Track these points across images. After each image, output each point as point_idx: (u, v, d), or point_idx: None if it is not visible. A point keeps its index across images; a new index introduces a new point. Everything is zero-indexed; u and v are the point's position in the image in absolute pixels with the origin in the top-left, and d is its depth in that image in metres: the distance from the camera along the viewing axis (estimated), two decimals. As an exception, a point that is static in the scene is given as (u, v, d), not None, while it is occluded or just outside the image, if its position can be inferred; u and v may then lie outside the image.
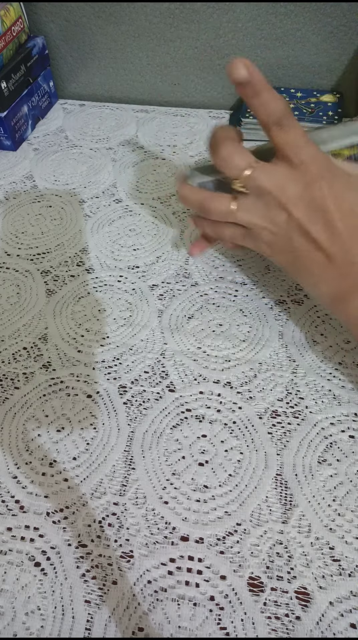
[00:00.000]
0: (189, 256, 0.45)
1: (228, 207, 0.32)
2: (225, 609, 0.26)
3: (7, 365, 0.38)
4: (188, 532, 0.29)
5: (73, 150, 0.59)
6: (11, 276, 0.44)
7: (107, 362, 0.37)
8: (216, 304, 0.41)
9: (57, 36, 0.64)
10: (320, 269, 0.30)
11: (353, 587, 0.27)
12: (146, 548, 0.29)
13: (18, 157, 0.58)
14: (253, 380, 0.36)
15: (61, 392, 0.36)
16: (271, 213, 0.31)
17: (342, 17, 0.55)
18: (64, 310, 0.41)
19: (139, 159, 0.57)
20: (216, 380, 0.36)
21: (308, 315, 0.40)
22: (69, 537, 0.29)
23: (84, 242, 0.47)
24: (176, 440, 0.33)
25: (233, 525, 0.29)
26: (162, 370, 0.37)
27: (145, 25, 0.60)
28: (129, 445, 0.33)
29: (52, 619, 0.26)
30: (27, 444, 0.33)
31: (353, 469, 0.31)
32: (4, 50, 0.56)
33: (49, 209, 0.51)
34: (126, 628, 0.26)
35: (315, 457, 0.32)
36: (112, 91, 0.68)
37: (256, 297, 0.42)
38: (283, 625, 0.26)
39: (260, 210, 0.31)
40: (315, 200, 0.29)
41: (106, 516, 0.30)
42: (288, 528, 0.29)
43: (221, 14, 0.57)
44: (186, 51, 0.61)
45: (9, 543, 0.29)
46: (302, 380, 0.36)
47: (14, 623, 0.26)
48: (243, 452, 0.32)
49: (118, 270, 0.45)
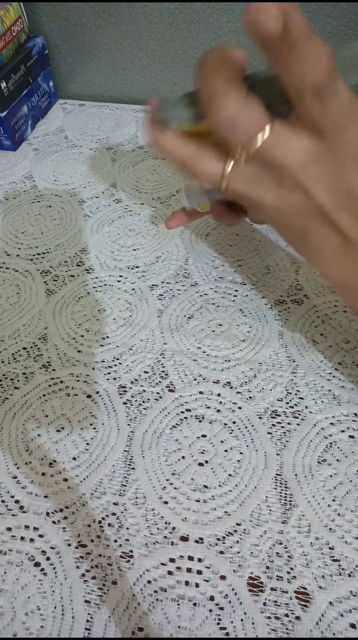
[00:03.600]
0: (188, 256, 0.45)
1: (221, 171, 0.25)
2: (225, 609, 0.26)
3: (7, 365, 0.38)
4: (187, 532, 0.29)
5: (73, 150, 0.59)
6: (11, 276, 0.44)
7: (107, 362, 0.37)
8: (216, 304, 0.41)
9: (57, 36, 0.64)
10: (335, 251, 0.26)
11: (353, 587, 0.27)
12: (145, 548, 0.29)
13: (18, 157, 0.58)
14: (253, 380, 0.36)
15: (61, 392, 0.36)
16: (278, 188, 0.24)
17: (342, 17, 0.55)
18: (64, 310, 0.41)
19: (139, 159, 0.57)
20: (216, 380, 0.36)
21: (308, 315, 0.40)
22: (69, 537, 0.29)
23: (83, 242, 0.47)
24: (175, 440, 0.33)
25: (233, 525, 0.29)
26: (162, 370, 0.37)
27: (145, 25, 0.60)
28: (129, 445, 0.33)
29: (52, 619, 0.26)
30: (27, 444, 0.33)
31: (353, 469, 0.31)
32: (4, 50, 0.56)
33: (48, 209, 0.51)
34: (125, 628, 0.26)
35: (315, 457, 0.32)
36: (112, 91, 0.68)
37: (256, 297, 0.42)
38: (283, 625, 0.26)
39: (263, 182, 0.24)
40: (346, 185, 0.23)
41: (105, 516, 0.30)
42: (288, 528, 0.29)
43: (221, 14, 0.57)
44: (186, 51, 0.61)
45: (9, 543, 0.29)
46: (302, 380, 0.36)
47: (14, 623, 0.26)
48: (243, 452, 0.32)
49: (118, 270, 0.45)
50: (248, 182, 0.25)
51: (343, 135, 0.22)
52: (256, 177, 0.25)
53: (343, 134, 0.22)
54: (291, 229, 0.27)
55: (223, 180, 0.25)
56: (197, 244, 0.47)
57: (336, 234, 0.25)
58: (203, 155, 0.25)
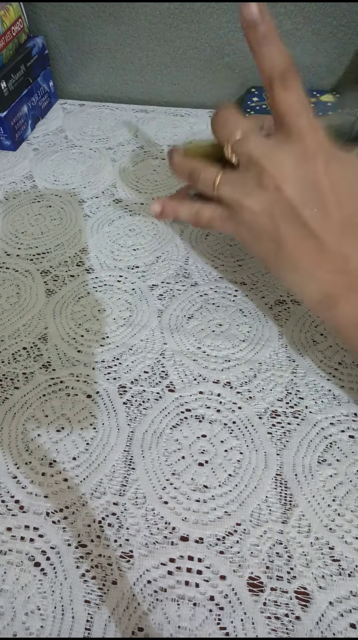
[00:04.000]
0: (188, 256, 0.45)
1: (214, 178, 0.30)
2: (225, 609, 0.26)
3: (7, 365, 0.38)
4: (187, 532, 0.29)
5: (73, 150, 0.59)
6: (11, 276, 0.44)
7: (107, 362, 0.37)
8: (216, 304, 0.41)
9: (57, 36, 0.64)
10: (309, 261, 0.27)
11: (353, 587, 0.27)
12: (145, 548, 0.29)
13: (18, 157, 0.58)
14: (252, 380, 0.36)
15: (61, 392, 0.36)
16: (258, 188, 0.27)
17: (342, 17, 0.55)
18: (64, 310, 0.41)
19: (139, 159, 0.57)
20: (216, 380, 0.36)
21: (308, 315, 0.40)
22: (69, 537, 0.29)
23: (83, 242, 0.47)
24: (175, 440, 0.33)
25: (233, 525, 0.29)
26: (162, 370, 0.37)
27: (145, 25, 0.60)
28: (128, 445, 0.33)
29: (52, 619, 0.26)
30: (27, 444, 0.33)
31: (353, 469, 0.31)
32: (4, 50, 0.56)
33: (48, 209, 0.51)
34: (125, 628, 0.26)
35: (315, 457, 0.32)
36: (112, 91, 0.68)
37: (256, 297, 0.42)
38: (283, 625, 0.26)
39: (246, 184, 0.28)
40: (308, 178, 0.26)
41: (105, 516, 0.30)
42: (288, 528, 0.29)
43: (221, 14, 0.57)
44: (186, 51, 0.61)
45: (9, 543, 0.29)
46: (302, 380, 0.36)
47: (14, 623, 0.26)
48: (243, 452, 0.32)
49: (118, 270, 0.45)
50: (233, 184, 0.29)
51: (299, 123, 0.26)
52: (239, 179, 0.29)
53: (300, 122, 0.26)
54: (268, 239, 0.29)
55: (215, 183, 0.30)
56: (197, 244, 0.47)
57: (307, 238, 0.27)
58: (206, 166, 0.31)
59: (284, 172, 0.27)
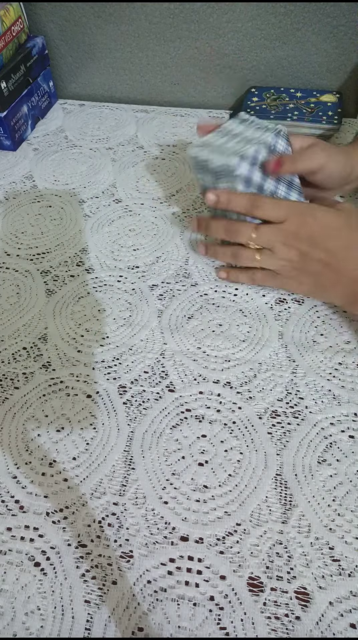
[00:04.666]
0: (188, 256, 0.45)
1: (254, 258, 0.39)
2: (225, 609, 0.26)
3: (7, 365, 0.38)
4: (187, 532, 0.29)
5: (73, 150, 0.59)
6: (11, 276, 0.44)
7: (107, 362, 0.37)
8: (216, 304, 0.41)
9: (56, 36, 0.64)
10: (331, 283, 0.37)
11: (353, 587, 0.27)
12: (145, 548, 0.29)
13: (18, 157, 0.58)
14: (252, 380, 0.36)
15: (61, 392, 0.36)
16: (286, 254, 0.37)
17: (342, 17, 0.55)
18: (64, 310, 0.41)
19: (139, 159, 0.57)
20: (216, 380, 0.36)
21: (308, 315, 0.40)
22: (69, 537, 0.29)
23: (84, 242, 0.47)
24: (175, 440, 0.33)
25: (233, 526, 0.29)
26: (162, 370, 0.37)
27: (145, 25, 0.60)
28: (128, 445, 0.33)
29: (52, 619, 0.26)
30: (27, 444, 0.33)
31: (353, 469, 0.31)
32: (4, 50, 0.56)
33: (48, 209, 0.51)
34: (125, 628, 0.26)
35: (315, 457, 0.32)
36: (112, 91, 0.68)
37: (256, 297, 0.42)
38: (283, 625, 0.26)
39: (277, 255, 0.38)
40: (303, 234, 0.36)
41: (105, 516, 0.30)
42: (288, 528, 0.29)
43: (221, 14, 0.57)
44: (186, 51, 0.61)
45: (9, 543, 0.29)
46: (302, 380, 0.36)
47: (14, 623, 0.26)
48: (243, 452, 0.32)
49: (118, 270, 0.45)
50: (271, 259, 0.38)
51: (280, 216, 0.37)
52: (271, 255, 0.38)
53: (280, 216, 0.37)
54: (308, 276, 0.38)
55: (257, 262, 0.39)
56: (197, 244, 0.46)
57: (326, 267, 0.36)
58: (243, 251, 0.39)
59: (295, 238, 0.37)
